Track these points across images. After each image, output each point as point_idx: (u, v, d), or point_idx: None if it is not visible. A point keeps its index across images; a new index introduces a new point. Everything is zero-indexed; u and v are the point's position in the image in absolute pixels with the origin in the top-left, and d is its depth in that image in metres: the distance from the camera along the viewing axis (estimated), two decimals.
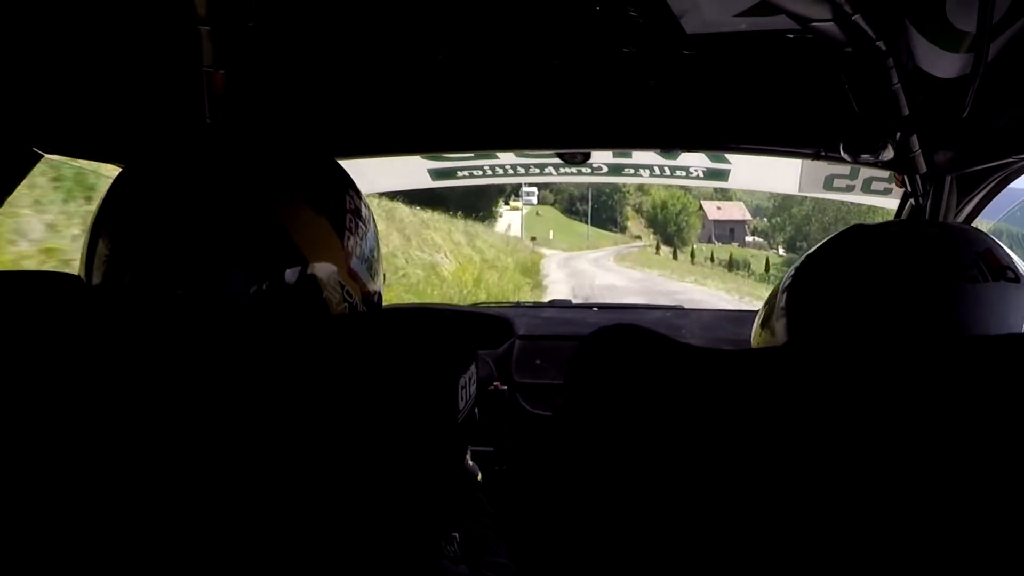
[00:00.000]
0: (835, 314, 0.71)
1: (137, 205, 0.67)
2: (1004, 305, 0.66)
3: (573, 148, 1.71)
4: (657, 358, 0.57)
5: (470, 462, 1.02)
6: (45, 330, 0.59)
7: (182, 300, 0.64)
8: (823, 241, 0.80)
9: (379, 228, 0.80)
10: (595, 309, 2.31)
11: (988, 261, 0.68)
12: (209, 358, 0.58)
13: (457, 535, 0.90)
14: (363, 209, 0.75)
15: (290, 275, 0.67)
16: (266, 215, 0.66)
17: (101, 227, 0.68)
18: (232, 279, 0.65)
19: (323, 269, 0.69)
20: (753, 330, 0.85)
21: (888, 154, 1.26)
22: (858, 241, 0.76)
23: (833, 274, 0.74)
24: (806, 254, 0.80)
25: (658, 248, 45.10)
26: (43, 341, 0.58)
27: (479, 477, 1.03)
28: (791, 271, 0.80)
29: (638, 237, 53.16)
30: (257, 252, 0.65)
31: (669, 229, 51.66)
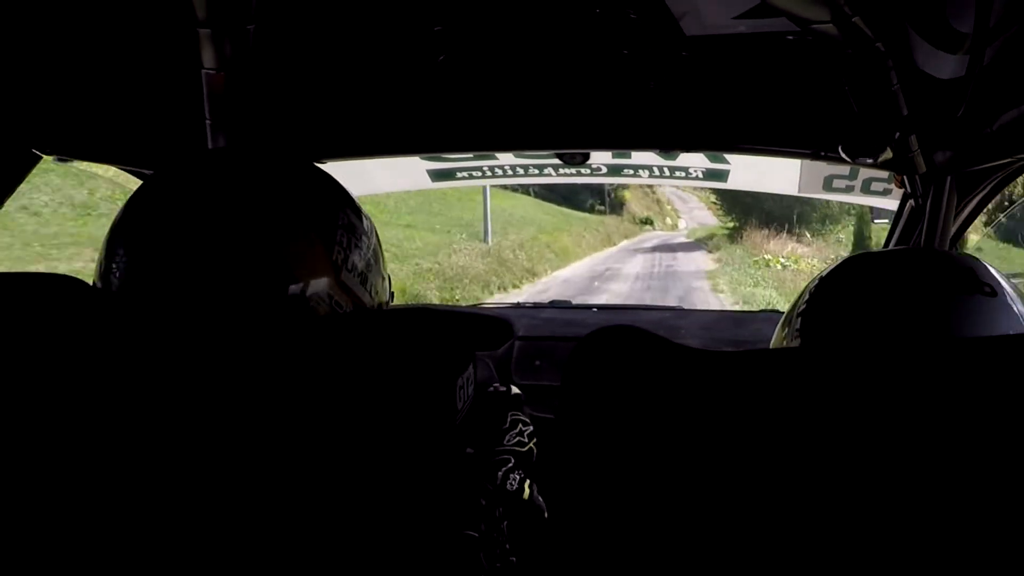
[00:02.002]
0: (844, 333, 0.77)
1: (156, 220, 0.71)
2: (981, 315, 0.73)
3: (572, 149, 1.71)
4: (653, 360, 0.58)
5: (538, 498, 1.03)
6: (51, 333, 0.59)
7: (192, 311, 0.67)
8: (834, 264, 0.88)
9: None
10: (595, 309, 2.32)
11: (968, 277, 0.76)
12: (214, 365, 0.59)
13: (513, 559, 0.91)
14: (358, 224, 0.79)
15: (286, 290, 0.70)
16: (267, 234, 0.70)
17: (121, 237, 0.71)
18: (236, 294, 0.68)
19: (312, 285, 0.72)
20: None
21: (887, 155, 1.26)
22: (866, 266, 0.85)
23: (842, 299, 0.81)
24: (819, 276, 0.87)
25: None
26: (49, 344, 0.58)
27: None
28: (805, 295, 0.86)
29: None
30: (258, 270, 0.69)
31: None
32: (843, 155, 1.29)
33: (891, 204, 1.84)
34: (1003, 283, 0.77)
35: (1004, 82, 1.07)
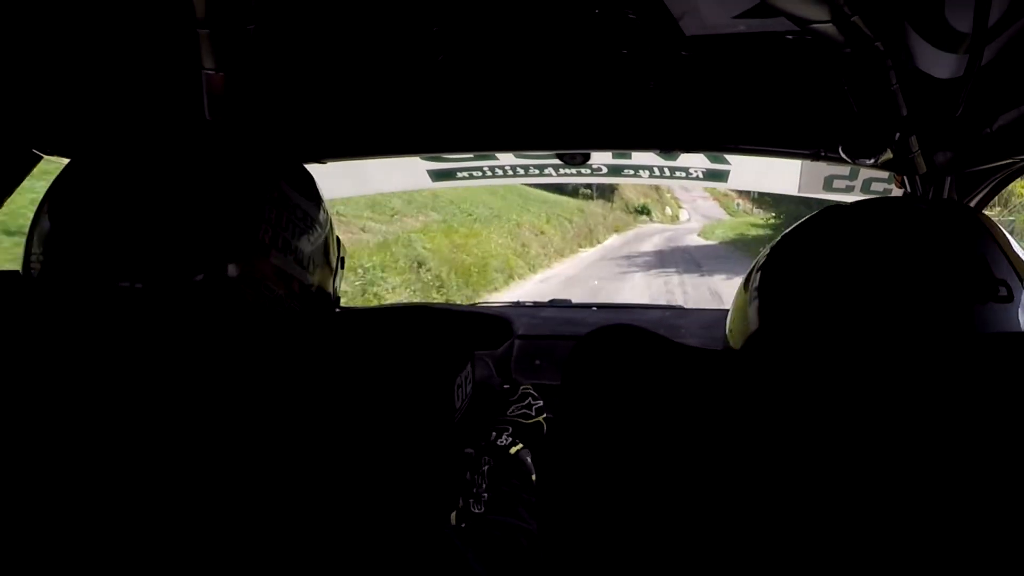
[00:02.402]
0: (809, 298, 0.64)
1: (77, 199, 0.67)
2: (992, 327, 0.59)
3: (573, 149, 1.71)
4: (652, 358, 0.58)
5: (525, 458, 1.07)
6: None
7: (123, 292, 0.63)
8: (804, 219, 0.74)
9: None
10: (594, 308, 2.31)
11: (981, 273, 0.61)
12: (163, 354, 0.58)
13: (486, 495, 0.95)
14: (298, 200, 0.73)
15: (229, 267, 0.66)
16: (205, 207, 0.66)
17: (43, 221, 0.67)
18: (174, 272, 0.64)
19: (235, 264, 0.67)
20: (729, 315, 0.79)
21: (887, 155, 1.26)
22: (840, 221, 0.68)
23: (810, 254, 0.67)
24: (784, 233, 0.74)
25: None
26: None
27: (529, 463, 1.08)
28: (766, 250, 0.73)
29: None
30: (195, 245, 0.65)
31: None
32: (843, 155, 1.30)
33: None
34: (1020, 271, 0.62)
35: (1004, 82, 1.07)
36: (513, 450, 1.06)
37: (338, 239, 0.83)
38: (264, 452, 0.56)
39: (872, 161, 1.28)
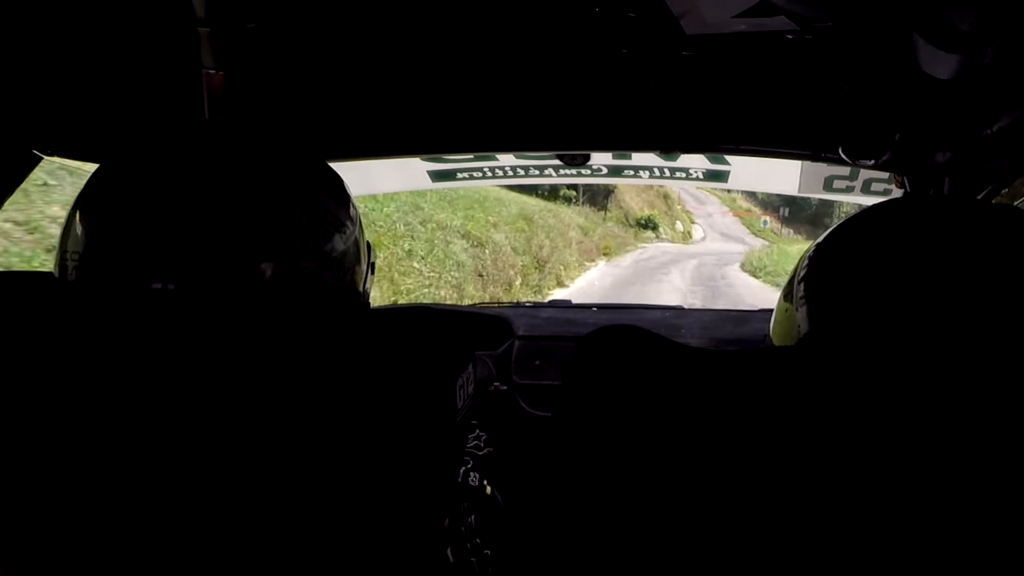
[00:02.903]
0: (869, 300, 0.60)
1: (111, 202, 0.67)
2: None
3: (573, 150, 1.71)
4: (652, 359, 0.58)
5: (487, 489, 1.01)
6: (19, 330, 0.59)
7: (158, 295, 0.63)
8: (844, 221, 0.70)
9: None
10: (594, 309, 2.31)
11: None
12: (195, 355, 0.58)
13: (488, 552, 0.89)
14: (330, 205, 0.74)
15: (259, 271, 0.66)
16: (237, 212, 0.66)
17: (76, 223, 0.68)
18: (206, 274, 0.64)
19: (263, 267, 0.67)
20: (772, 322, 0.75)
21: (887, 155, 1.26)
22: (892, 221, 0.64)
23: (869, 257, 0.62)
24: (828, 233, 0.70)
25: None
26: (17, 340, 0.58)
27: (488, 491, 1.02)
28: (804, 260, 0.70)
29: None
30: (227, 249, 0.65)
31: None
32: (843, 156, 1.30)
33: None
34: None
35: (1004, 83, 1.07)
36: (488, 491, 0.98)
37: (369, 244, 0.84)
38: (268, 451, 0.56)
39: (872, 162, 1.28)
